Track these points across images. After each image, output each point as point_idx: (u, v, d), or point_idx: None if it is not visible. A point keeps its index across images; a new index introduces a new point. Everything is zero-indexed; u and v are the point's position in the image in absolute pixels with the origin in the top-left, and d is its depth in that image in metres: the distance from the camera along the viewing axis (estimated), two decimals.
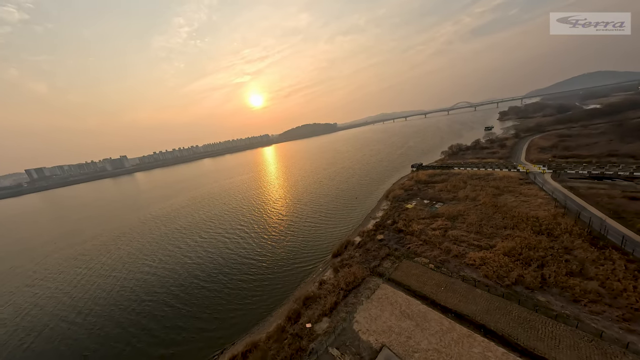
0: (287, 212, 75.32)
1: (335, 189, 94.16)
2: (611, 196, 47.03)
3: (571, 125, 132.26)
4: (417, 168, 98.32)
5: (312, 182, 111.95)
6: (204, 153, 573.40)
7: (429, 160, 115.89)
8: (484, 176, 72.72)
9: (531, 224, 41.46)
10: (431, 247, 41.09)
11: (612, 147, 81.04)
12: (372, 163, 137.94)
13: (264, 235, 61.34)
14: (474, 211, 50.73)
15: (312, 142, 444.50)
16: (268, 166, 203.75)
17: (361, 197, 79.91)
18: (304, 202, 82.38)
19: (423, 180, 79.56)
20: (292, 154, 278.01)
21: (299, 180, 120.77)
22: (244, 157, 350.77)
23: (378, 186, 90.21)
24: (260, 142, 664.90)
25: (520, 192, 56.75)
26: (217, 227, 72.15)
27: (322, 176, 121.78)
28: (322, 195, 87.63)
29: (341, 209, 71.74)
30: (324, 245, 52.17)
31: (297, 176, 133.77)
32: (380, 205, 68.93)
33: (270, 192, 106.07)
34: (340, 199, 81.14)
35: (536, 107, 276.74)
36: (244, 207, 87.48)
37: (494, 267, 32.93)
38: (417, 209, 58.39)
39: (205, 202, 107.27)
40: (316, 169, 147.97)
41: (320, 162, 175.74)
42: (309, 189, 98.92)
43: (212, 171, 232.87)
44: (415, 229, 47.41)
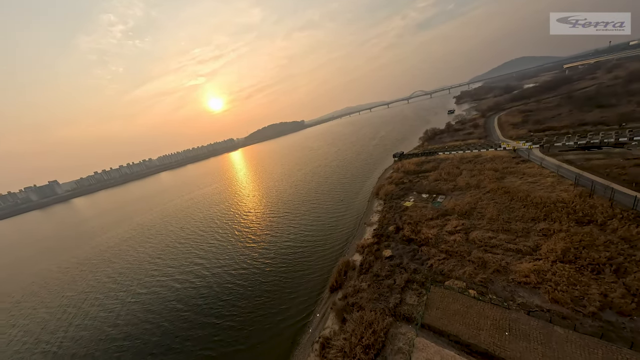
0: (260, 232, 59.77)
1: (314, 192, 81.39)
2: (620, 166, 43.02)
3: (526, 101, 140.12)
4: (399, 157, 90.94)
5: (287, 187, 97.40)
6: (161, 166, 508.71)
7: (406, 147, 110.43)
8: (474, 158, 67.32)
9: (563, 210, 34.27)
10: (459, 261, 31.11)
11: (578, 117, 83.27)
12: (348, 158, 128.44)
13: (229, 275, 44.37)
14: (486, 202, 42.77)
15: (281, 142, 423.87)
16: (235, 173, 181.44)
17: (347, 199, 68.63)
18: (280, 215, 67.77)
19: (412, 170, 71.50)
20: (262, 157, 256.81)
21: (271, 187, 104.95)
22: (208, 166, 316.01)
23: (363, 183, 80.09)
24: (225, 148, 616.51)
25: (523, 172, 51.10)
26: (165, 268, 53.42)
27: (297, 179, 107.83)
28: (300, 202, 74.07)
29: (326, 217, 59.26)
30: (314, 275, 39.17)
31: (269, 182, 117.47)
32: (373, 206, 58.35)
33: (237, 207, 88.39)
34: (323, 204, 68.70)
35: (485, 90, 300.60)
36: (205, 232, 69.07)
37: (558, 284, 23.83)
38: (419, 206, 48.94)
39: (155, 230, 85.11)
40: (289, 170, 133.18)
41: (293, 162, 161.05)
42: (284, 197, 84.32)
43: (171, 187, 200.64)
44: (429, 236, 37.31)
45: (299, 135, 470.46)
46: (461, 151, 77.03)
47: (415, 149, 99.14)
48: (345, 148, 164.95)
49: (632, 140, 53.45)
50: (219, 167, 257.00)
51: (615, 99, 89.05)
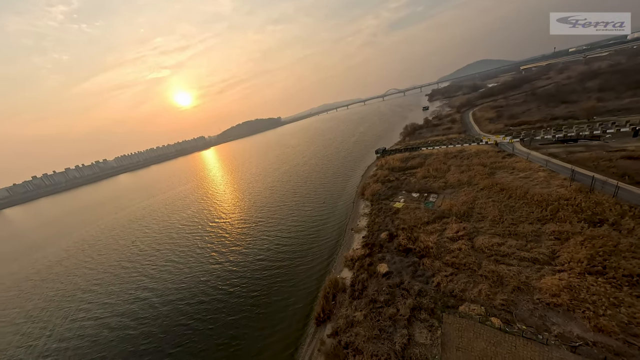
0: (228, 247, 49.71)
1: (292, 194, 73.21)
2: (606, 158, 42.23)
3: (494, 98, 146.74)
4: (382, 153, 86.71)
5: (262, 189, 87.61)
6: (119, 168, 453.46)
7: (387, 143, 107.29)
8: (458, 153, 64.94)
9: (570, 209, 31.13)
10: (470, 277, 25.91)
11: (547, 111, 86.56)
12: (328, 155, 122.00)
13: (183, 312, 33.65)
14: (483, 201, 38.91)
15: (257, 139, 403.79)
16: (205, 175, 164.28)
17: (330, 201, 61.83)
18: (253, 223, 58.46)
19: (397, 167, 67.09)
20: (236, 156, 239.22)
21: (244, 190, 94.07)
22: (174, 167, 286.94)
23: (345, 182, 73.99)
24: (195, 146, 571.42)
25: (512, 166, 48.86)
26: (100, 302, 41.09)
27: (273, 179, 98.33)
28: (277, 207, 65.41)
29: (307, 223, 51.71)
30: (294, 302, 31.51)
31: (242, 184, 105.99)
32: (359, 208, 52.26)
33: (203, 214, 76.47)
34: (303, 207, 60.98)
35: (454, 88, 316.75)
36: (159, 249, 56.73)
37: (597, 306, 19.43)
38: (411, 208, 43.85)
39: (98, 247, 69.76)
40: (265, 170, 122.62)
41: (269, 161, 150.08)
42: (258, 201, 74.74)
43: (129, 191, 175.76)
44: (429, 244, 31.90)
45: (276, 133, 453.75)
46: (444, 146, 74.85)
47: (397, 145, 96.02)
48: (324, 145, 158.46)
49: (606, 133, 54.58)
50: (188, 168, 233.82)
51: (575, 96, 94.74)
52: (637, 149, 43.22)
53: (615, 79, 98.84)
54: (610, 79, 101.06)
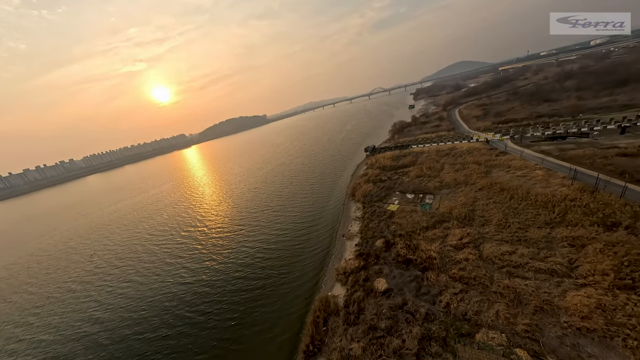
0: (202, 261, 42.34)
1: (277, 196, 67.52)
2: (601, 155, 41.19)
3: (478, 97, 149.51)
4: (371, 152, 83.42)
5: (244, 190, 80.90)
6: (88, 169, 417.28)
7: (375, 141, 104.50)
8: (450, 151, 62.87)
9: (579, 211, 28.76)
10: (482, 294, 22.34)
11: (531, 109, 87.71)
12: (315, 153, 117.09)
13: (142, 353, 28.10)
14: (484, 202, 36.06)
15: (242, 137, 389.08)
16: (182, 175, 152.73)
17: (318, 203, 57.09)
18: (232, 231, 52.01)
19: (388, 165, 63.77)
20: (218, 155, 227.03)
21: (225, 192, 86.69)
22: (151, 167, 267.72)
23: (334, 182, 69.59)
24: (174, 145, 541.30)
25: (508, 165, 46.94)
26: (35, 335, 33.44)
27: (257, 180, 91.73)
28: (259, 211, 59.43)
29: (293, 230, 46.51)
30: (278, 331, 26.33)
31: (222, 185, 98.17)
32: (350, 211, 48.00)
33: (175, 221, 68.39)
34: (288, 212, 55.66)
35: (438, 88, 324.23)
36: (119, 265, 48.72)
37: (638, 331, 16.34)
38: (407, 210, 40.22)
39: (43, 266, 59.72)
40: (248, 170, 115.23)
41: (253, 160, 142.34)
42: (239, 205, 68.18)
43: (97, 194, 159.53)
44: (431, 254, 28.19)
45: (261, 131, 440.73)
46: (435, 144, 72.79)
47: (387, 143, 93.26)
48: (310, 143, 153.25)
49: (593, 130, 54.63)
50: (165, 168, 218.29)
51: (555, 94, 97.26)
52: (628, 146, 42.73)
53: (590, 79, 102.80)
54: (585, 79, 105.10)
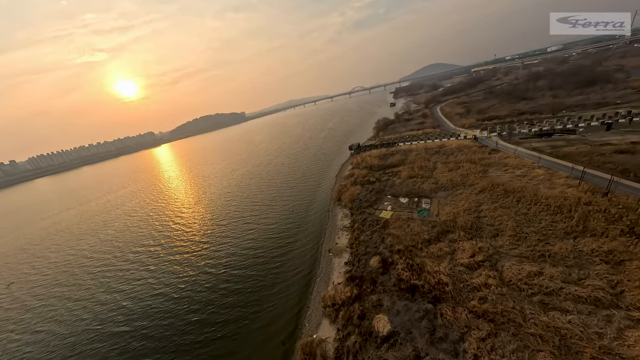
0: (146, 302, 32.73)
1: (252, 202, 58.86)
2: (598, 153, 39.16)
3: (457, 95, 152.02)
4: (356, 150, 77.87)
5: (215, 196, 70.72)
6: (34, 171, 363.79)
7: (359, 138, 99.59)
8: (439, 149, 59.24)
9: (600, 217, 24.96)
10: (516, 337, 16.87)
11: (510, 107, 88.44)
12: (296, 152, 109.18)
13: None
14: (488, 207, 31.52)
15: (218, 135, 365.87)
16: (146, 179, 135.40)
17: (299, 209, 49.81)
18: (192, 252, 42.09)
19: (376, 165, 58.36)
20: (190, 154, 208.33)
21: (192, 199, 75.59)
22: (112, 168, 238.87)
23: (317, 184, 62.72)
24: (141, 144, 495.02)
25: (504, 163, 43.66)
26: None
27: (230, 183, 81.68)
28: (230, 223, 50.33)
29: (270, 244, 38.64)
30: None
31: (190, 190, 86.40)
32: (336, 218, 41.46)
33: (127, 235, 56.59)
34: (264, 221, 47.55)
35: (416, 87, 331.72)
36: (37, 307, 37.23)
37: None
38: (402, 218, 34.60)
39: None
40: (222, 171, 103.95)
41: (229, 160, 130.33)
42: (207, 214, 58.28)
43: (38, 201, 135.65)
44: (441, 278, 22.51)
45: (239, 128, 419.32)
46: (422, 141, 69.12)
47: (372, 140, 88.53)
48: (291, 141, 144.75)
49: (578, 127, 53.98)
50: (128, 170, 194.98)
51: (530, 93, 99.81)
52: (620, 142, 41.47)
53: (559, 79, 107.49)
54: (554, 80, 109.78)
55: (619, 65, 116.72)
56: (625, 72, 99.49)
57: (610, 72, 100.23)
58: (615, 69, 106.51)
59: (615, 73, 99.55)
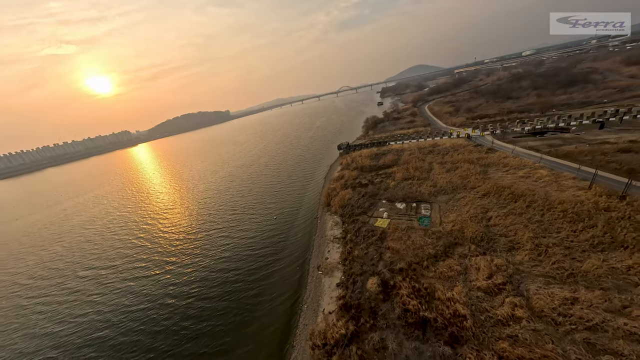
0: (85, 339, 26.43)
1: (230, 209, 52.39)
2: (601, 152, 37.21)
3: (443, 94, 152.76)
4: (345, 149, 73.49)
5: (190, 203, 63.16)
6: None
7: (348, 137, 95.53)
8: (433, 148, 56.18)
9: (625, 225, 21.91)
10: None
11: (498, 106, 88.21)
12: (281, 153, 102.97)
13: None
14: (497, 213, 27.94)
15: (200, 135, 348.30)
16: (115, 182, 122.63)
17: (283, 217, 44.25)
18: (152, 276, 35.05)
19: (367, 165, 54.12)
20: (169, 154, 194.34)
21: (163, 205, 67.36)
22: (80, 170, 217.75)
23: (304, 187, 57.43)
24: (115, 143, 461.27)
25: (503, 163, 40.85)
26: None
27: (208, 187, 74.21)
28: (203, 236, 43.37)
29: (247, 263, 32.67)
30: None
31: (162, 196, 77.67)
32: (326, 227, 36.47)
33: (78, 255, 48.09)
34: (243, 232, 41.40)
35: (402, 87, 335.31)
36: None
37: None
38: (401, 227, 30.26)
39: None
40: (200, 173, 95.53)
41: (209, 161, 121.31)
42: (176, 225, 50.75)
43: None
44: (457, 309, 18.18)
45: (223, 127, 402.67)
46: (414, 140, 66.06)
47: (361, 139, 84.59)
48: (277, 141, 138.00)
49: (570, 126, 52.95)
50: (97, 172, 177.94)
51: (515, 93, 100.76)
52: (618, 141, 40.07)
53: (540, 80, 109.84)
54: (536, 80, 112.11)
55: (592, 68, 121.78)
56: (600, 74, 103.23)
57: (586, 74, 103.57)
58: (589, 71, 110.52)
59: (591, 75, 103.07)
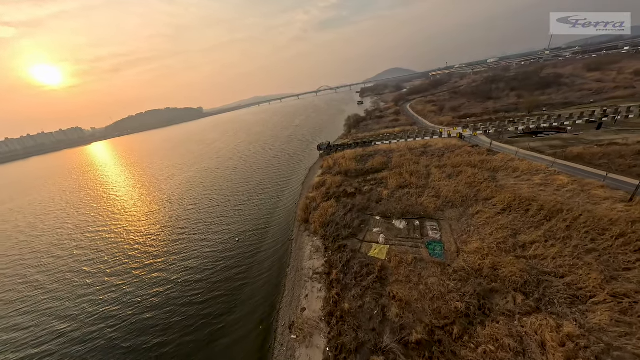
0: None
1: (177, 230, 40.25)
2: (620, 155, 32.56)
3: (423, 94, 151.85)
4: (326, 150, 64.57)
5: (130, 221, 49.35)
6: None
7: (329, 137, 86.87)
8: (425, 148, 49.66)
9: None
10: None
11: (481, 105, 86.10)
12: (253, 154, 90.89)
13: None
14: (530, 237, 20.75)
15: (168, 132, 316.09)
16: (45, 189, 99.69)
17: (248, 240, 33.68)
18: (75, 326, 23.42)
19: (353, 169, 45.54)
20: (125, 154, 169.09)
21: (93, 222, 52.31)
22: (12, 173, 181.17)
23: (277, 197, 47.13)
24: (64, 142, 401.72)
25: (512, 167, 34.68)
26: None
27: (159, 197, 60.24)
28: (135, 277, 31.69)
29: (181, 330, 22.13)
30: None
31: (97, 208, 61.66)
32: (302, 256, 26.86)
33: None
34: (187, 270, 30.30)
35: (381, 87, 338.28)
36: None
37: None
38: (407, 261, 21.74)
39: None
40: (153, 179, 79.87)
41: (168, 163, 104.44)
42: (100, 255, 37.68)
43: None
44: None
45: (194, 125, 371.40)
46: (402, 140, 59.34)
47: (344, 139, 76.31)
48: (250, 140, 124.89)
49: (564, 126, 49.72)
50: (31, 176, 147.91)
51: (495, 93, 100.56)
52: (626, 142, 36.28)
53: (514, 83, 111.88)
54: (510, 83, 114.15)
55: (557, 73, 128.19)
56: (567, 78, 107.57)
57: (557, 77, 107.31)
58: (558, 75, 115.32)
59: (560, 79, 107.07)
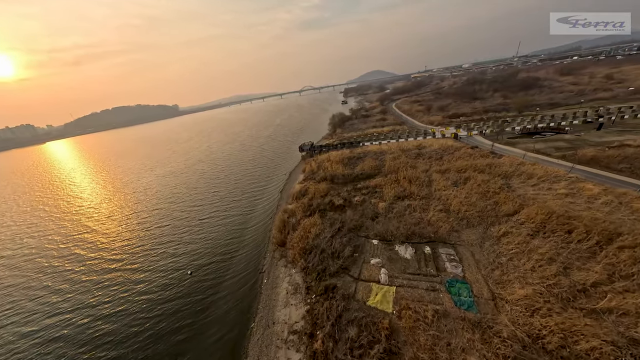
0: None
1: (114, 264, 30.56)
2: (638, 157, 28.82)
3: (408, 94, 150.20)
4: (309, 151, 57.13)
5: (54, 245, 37.96)
6: None
7: (312, 137, 79.46)
8: (419, 150, 44.34)
9: None
10: None
11: (468, 106, 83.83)
12: (227, 156, 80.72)
13: None
14: (588, 274, 14.99)
15: (136, 131, 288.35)
16: None
17: (203, 271, 25.09)
18: None
19: (340, 174, 38.55)
20: (82, 155, 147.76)
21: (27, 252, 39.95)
22: None
23: (249, 210, 38.65)
24: (12, 140, 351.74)
25: (526, 172, 29.79)
26: None
27: (107, 210, 48.90)
28: (50, 338, 21.84)
29: None
30: None
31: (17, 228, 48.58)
32: (275, 299, 19.17)
33: None
34: (126, 316, 21.34)
35: (364, 88, 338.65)
36: None
37: None
38: (425, 318, 14.91)
39: None
40: (106, 185, 66.95)
41: (126, 166, 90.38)
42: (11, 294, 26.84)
43: None
44: None
45: (168, 124, 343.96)
46: (393, 140, 53.71)
47: (328, 139, 69.40)
48: (225, 141, 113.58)
49: (561, 126, 46.95)
50: None
51: (479, 94, 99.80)
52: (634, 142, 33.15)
53: (496, 84, 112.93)
54: (492, 84, 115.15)
55: (534, 77, 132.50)
56: (545, 81, 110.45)
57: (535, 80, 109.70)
58: (536, 78, 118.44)
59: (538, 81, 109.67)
